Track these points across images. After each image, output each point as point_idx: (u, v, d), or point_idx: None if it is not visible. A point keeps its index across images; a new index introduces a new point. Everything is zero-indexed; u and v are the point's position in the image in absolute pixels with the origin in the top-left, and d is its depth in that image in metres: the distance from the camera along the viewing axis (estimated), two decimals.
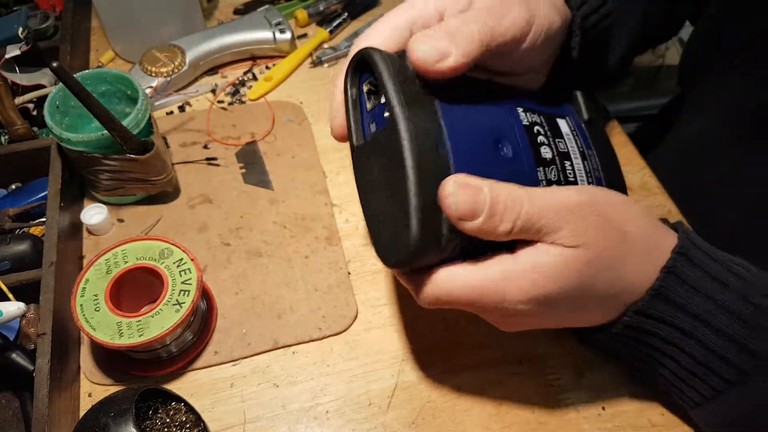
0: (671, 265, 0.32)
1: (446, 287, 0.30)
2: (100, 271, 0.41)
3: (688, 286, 0.32)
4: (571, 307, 0.32)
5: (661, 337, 0.33)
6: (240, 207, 0.52)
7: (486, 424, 0.41)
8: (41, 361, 0.37)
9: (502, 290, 0.30)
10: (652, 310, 0.32)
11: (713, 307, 0.32)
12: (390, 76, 0.28)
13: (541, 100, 0.35)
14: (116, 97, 0.51)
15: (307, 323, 0.45)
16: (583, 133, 0.35)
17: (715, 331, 0.32)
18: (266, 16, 0.64)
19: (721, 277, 0.32)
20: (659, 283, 0.32)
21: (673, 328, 0.33)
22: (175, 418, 0.39)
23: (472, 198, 0.28)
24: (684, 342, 0.33)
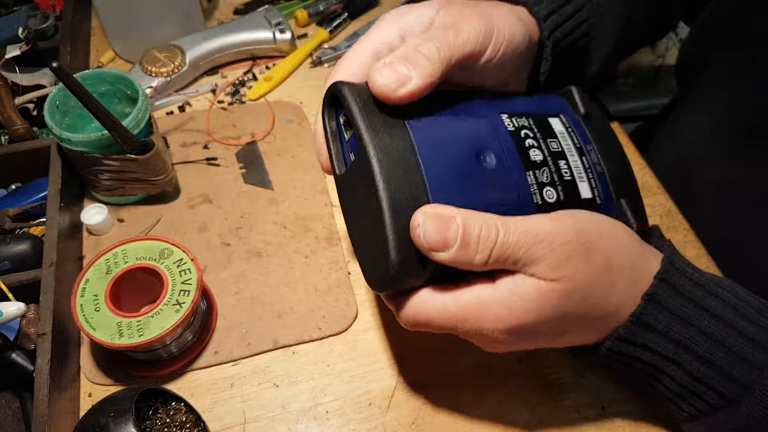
0: (651, 292, 0.31)
1: (424, 312, 0.30)
2: (100, 271, 0.41)
3: (669, 313, 0.31)
4: (551, 334, 0.32)
5: (644, 361, 0.33)
6: (240, 207, 0.52)
7: (486, 424, 0.41)
8: (41, 361, 0.37)
9: (478, 318, 0.30)
10: (634, 337, 0.32)
11: (695, 334, 0.31)
12: (356, 106, 0.29)
13: (531, 102, 0.35)
14: (116, 97, 0.51)
15: (307, 323, 0.45)
16: (580, 129, 0.35)
17: (697, 357, 0.32)
18: (266, 16, 0.64)
19: (704, 303, 0.32)
20: (640, 311, 0.31)
21: (655, 354, 0.32)
22: (175, 418, 0.39)
23: (443, 228, 0.27)
24: (668, 367, 0.33)
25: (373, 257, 0.30)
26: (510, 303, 0.29)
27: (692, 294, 0.32)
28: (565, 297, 0.30)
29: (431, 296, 0.30)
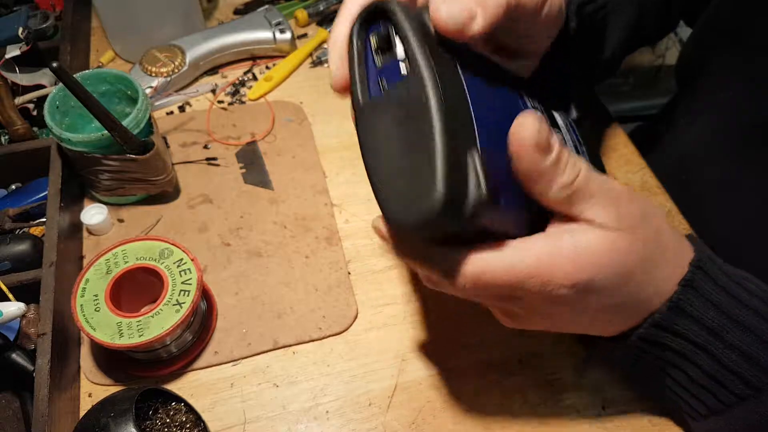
0: (689, 278, 0.31)
1: (490, 270, 0.28)
2: (100, 271, 0.41)
3: (705, 299, 0.32)
4: (606, 300, 0.31)
5: (674, 350, 0.33)
6: (240, 207, 0.52)
7: (486, 423, 0.41)
8: (41, 361, 0.37)
9: (549, 272, 0.28)
10: (668, 323, 0.32)
11: (728, 322, 0.32)
12: (413, 30, 0.26)
13: (538, 91, 0.35)
14: (116, 97, 0.51)
15: (307, 323, 0.45)
16: (575, 129, 0.36)
17: (728, 345, 0.32)
18: (266, 16, 0.64)
19: (736, 292, 0.32)
20: (677, 296, 0.31)
21: (687, 341, 0.33)
22: (175, 419, 0.39)
23: (548, 133, 0.26)
24: (696, 355, 0.33)
25: (408, 192, 0.27)
26: (575, 256, 0.28)
27: (725, 283, 0.32)
28: (629, 251, 0.29)
29: (494, 254, 0.28)
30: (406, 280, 0.48)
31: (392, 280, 0.48)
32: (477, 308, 0.47)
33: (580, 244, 0.29)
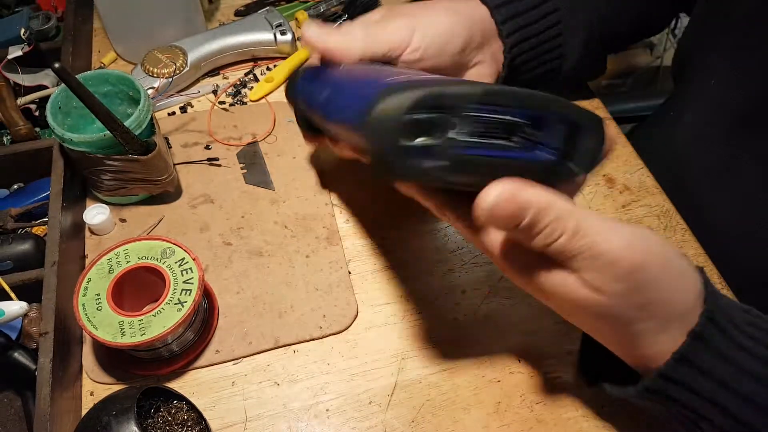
0: (699, 330, 0.30)
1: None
2: (102, 271, 0.42)
3: (714, 352, 0.31)
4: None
5: (683, 403, 0.32)
6: (241, 207, 0.52)
7: (485, 422, 0.41)
8: (43, 360, 0.38)
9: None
10: (675, 375, 0.31)
11: (739, 374, 0.31)
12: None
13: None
14: (118, 98, 0.52)
15: (308, 322, 0.45)
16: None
17: (742, 398, 0.31)
18: (267, 18, 0.64)
19: (746, 343, 0.31)
20: (685, 348, 0.30)
21: (695, 394, 0.31)
22: (176, 417, 0.39)
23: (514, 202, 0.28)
24: (707, 410, 0.31)
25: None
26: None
27: (734, 334, 0.31)
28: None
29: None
30: (407, 279, 0.48)
31: (392, 280, 0.48)
32: (477, 308, 0.47)
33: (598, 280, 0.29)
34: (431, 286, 0.48)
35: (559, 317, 0.46)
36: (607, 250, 0.28)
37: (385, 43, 0.39)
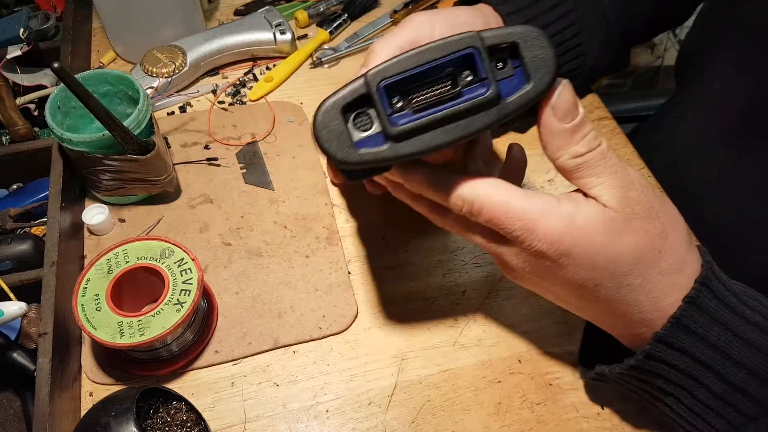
0: (693, 295, 0.31)
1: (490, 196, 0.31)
2: (102, 271, 0.42)
3: (709, 317, 0.31)
4: (585, 276, 0.31)
5: (680, 368, 0.32)
6: (241, 207, 0.52)
7: (485, 423, 0.41)
8: (42, 360, 0.38)
9: (535, 222, 0.30)
10: (672, 339, 0.32)
11: (733, 339, 0.31)
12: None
13: None
14: (117, 98, 0.52)
15: (308, 323, 0.45)
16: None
17: (735, 363, 0.31)
18: (266, 17, 0.64)
19: (740, 310, 0.32)
20: (680, 312, 0.31)
21: (692, 359, 0.32)
22: (176, 417, 0.39)
23: (570, 102, 0.30)
24: (702, 375, 0.32)
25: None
26: (569, 220, 0.30)
27: (729, 300, 0.32)
28: (621, 231, 0.30)
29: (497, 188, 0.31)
30: (407, 279, 0.48)
31: (392, 280, 0.48)
32: (477, 308, 0.47)
33: (577, 212, 0.30)
34: (431, 287, 0.48)
35: (559, 317, 0.46)
36: (633, 174, 0.31)
37: (407, 35, 0.38)
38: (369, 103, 0.30)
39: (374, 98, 0.29)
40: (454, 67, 0.30)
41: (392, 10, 0.69)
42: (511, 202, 0.31)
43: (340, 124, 0.30)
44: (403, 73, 0.29)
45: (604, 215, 0.30)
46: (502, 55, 0.30)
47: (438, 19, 0.40)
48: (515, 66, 0.30)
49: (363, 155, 0.30)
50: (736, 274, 0.47)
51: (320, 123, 0.30)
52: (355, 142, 0.30)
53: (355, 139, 0.30)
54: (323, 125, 0.30)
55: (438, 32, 0.39)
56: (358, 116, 0.30)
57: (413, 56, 0.29)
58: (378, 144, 0.30)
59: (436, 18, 0.40)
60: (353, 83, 0.30)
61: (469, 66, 0.30)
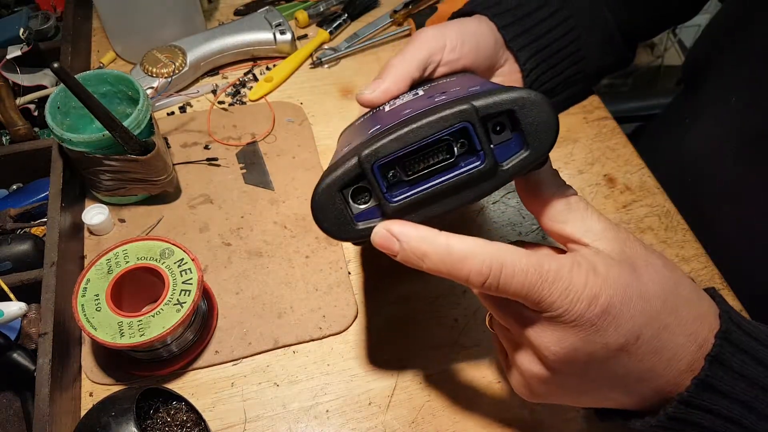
0: (716, 353, 0.30)
1: (516, 262, 0.27)
2: (101, 271, 0.42)
3: (734, 373, 0.30)
4: (629, 332, 0.29)
5: (704, 426, 0.31)
6: (241, 207, 0.52)
7: (485, 423, 0.41)
8: (42, 360, 0.38)
9: (569, 278, 0.27)
10: (698, 401, 0.30)
11: (759, 392, 0.30)
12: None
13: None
14: (117, 98, 0.52)
15: (308, 323, 0.45)
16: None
17: (761, 416, 0.30)
18: (266, 17, 0.64)
19: (764, 359, 0.31)
20: (705, 373, 0.30)
21: (719, 416, 0.31)
22: (176, 418, 0.39)
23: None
24: (728, 429, 0.31)
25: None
26: (593, 272, 0.28)
27: (754, 350, 0.31)
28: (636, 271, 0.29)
29: (519, 253, 0.28)
30: (406, 279, 0.48)
31: (392, 280, 0.48)
32: (477, 308, 0.47)
33: (595, 261, 0.28)
34: (431, 287, 0.48)
35: None
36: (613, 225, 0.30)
37: (425, 50, 0.38)
38: (364, 179, 0.30)
39: (369, 178, 0.29)
40: (451, 137, 0.29)
41: (392, 10, 0.69)
42: (543, 263, 0.27)
43: (337, 203, 0.30)
44: (396, 152, 0.29)
45: (615, 257, 0.29)
46: (499, 119, 0.29)
47: (448, 33, 0.40)
48: (512, 129, 0.29)
49: (362, 230, 0.30)
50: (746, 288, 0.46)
51: (318, 204, 0.30)
52: (354, 216, 0.30)
53: (354, 213, 0.30)
54: (320, 207, 0.30)
55: (449, 46, 0.40)
56: (356, 191, 0.30)
57: (407, 133, 0.29)
58: (376, 216, 0.30)
59: (446, 32, 0.40)
60: (348, 162, 0.29)
61: (465, 136, 0.29)
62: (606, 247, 0.29)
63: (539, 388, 0.32)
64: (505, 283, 0.28)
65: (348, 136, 0.37)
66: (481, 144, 0.29)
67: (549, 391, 0.32)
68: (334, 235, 0.31)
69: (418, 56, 0.38)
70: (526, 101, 0.28)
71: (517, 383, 0.33)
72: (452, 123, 0.28)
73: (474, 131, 0.29)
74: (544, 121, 0.28)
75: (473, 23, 0.43)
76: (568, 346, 0.29)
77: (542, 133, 0.29)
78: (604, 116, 0.60)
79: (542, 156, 0.29)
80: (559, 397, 0.33)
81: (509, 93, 0.28)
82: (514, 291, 0.28)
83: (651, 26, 0.57)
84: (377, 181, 0.29)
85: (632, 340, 0.29)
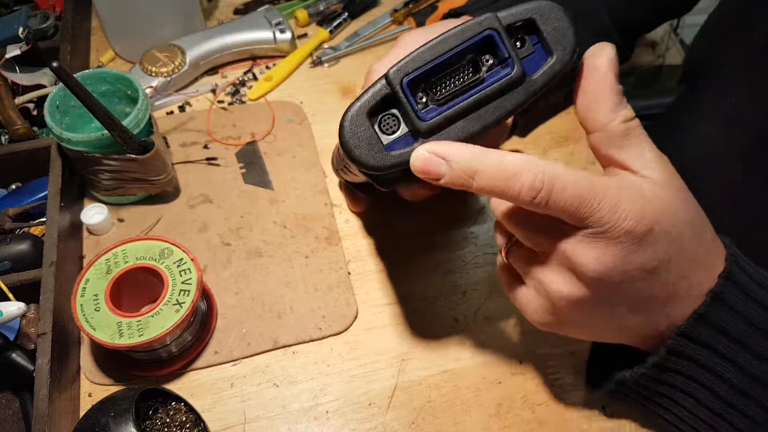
0: (718, 290, 0.31)
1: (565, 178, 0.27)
2: (101, 271, 0.41)
3: (732, 311, 0.31)
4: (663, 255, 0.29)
5: (701, 363, 0.32)
6: (240, 207, 0.52)
7: (486, 424, 0.41)
8: (41, 361, 0.37)
9: (617, 197, 0.28)
10: (695, 334, 0.31)
11: (755, 333, 0.31)
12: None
13: None
14: (116, 97, 0.51)
15: (307, 323, 0.45)
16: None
17: (757, 356, 0.31)
18: (266, 16, 0.64)
19: (765, 302, 0.31)
20: (704, 308, 0.31)
21: (714, 352, 0.32)
22: (175, 418, 0.39)
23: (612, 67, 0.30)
24: (724, 369, 0.32)
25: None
26: (640, 192, 0.29)
27: (754, 293, 0.32)
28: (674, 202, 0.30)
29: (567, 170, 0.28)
30: (407, 279, 0.48)
31: (392, 280, 0.48)
32: (477, 309, 0.47)
33: (642, 184, 0.29)
34: (432, 287, 0.47)
35: None
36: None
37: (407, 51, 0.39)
38: (393, 103, 0.29)
39: (399, 97, 0.28)
40: (474, 53, 0.29)
41: (392, 9, 0.68)
42: (593, 179, 0.28)
43: (367, 129, 0.29)
44: (424, 66, 0.28)
45: (659, 185, 0.29)
46: (520, 33, 0.29)
47: (430, 36, 0.40)
48: (534, 42, 0.29)
49: (396, 157, 0.29)
50: None
51: (348, 132, 0.29)
52: (386, 146, 0.29)
53: (385, 143, 0.29)
54: (351, 133, 0.29)
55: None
56: (384, 119, 0.29)
57: (432, 47, 0.29)
58: (409, 143, 0.29)
59: (427, 35, 0.40)
60: (374, 86, 0.29)
61: (489, 49, 0.29)
62: (653, 175, 0.30)
63: (563, 311, 0.32)
64: (556, 198, 0.27)
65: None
66: (508, 51, 0.29)
67: (571, 315, 0.32)
68: (367, 165, 0.29)
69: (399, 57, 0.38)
70: (545, 8, 0.29)
71: (538, 308, 0.33)
72: (478, 31, 0.28)
73: (500, 38, 0.29)
74: (564, 27, 0.29)
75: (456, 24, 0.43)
76: (607, 262, 0.29)
77: (564, 39, 0.29)
78: None
79: (567, 63, 0.29)
80: (577, 323, 0.33)
81: (527, 4, 0.29)
82: (563, 205, 0.28)
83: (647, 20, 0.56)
84: (408, 99, 0.28)
85: (664, 264, 0.30)
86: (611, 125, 0.29)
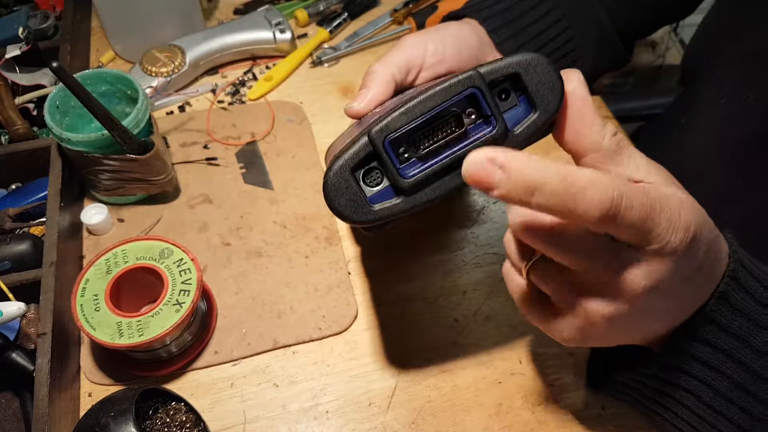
0: (723, 289, 0.31)
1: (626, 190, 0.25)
2: (101, 271, 0.41)
3: (735, 309, 0.31)
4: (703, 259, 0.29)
5: (703, 360, 0.32)
6: (240, 207, 0.52)
7: (486, 424, 0.41)
8: (41, 361, 0.37)
9: (671, 208, 0.26)
10: (699, 333, 0.31)
11: (755, 328, 0.31)
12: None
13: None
14: (116, 97, 0.51)
15: (307, 323, 0.45)
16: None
17: (755, 351, 0.31)
18: (266, 16, 0.64)
19: (765, 299, 0.32)
20: (710, 308, 0.31)
21: (715, 349, 0.32)
22: (175, 418, 0.39)
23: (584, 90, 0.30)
24: (725, 365, 0.32)
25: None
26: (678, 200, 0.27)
27: (756, 291, 0.32)
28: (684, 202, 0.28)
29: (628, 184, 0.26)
30: (407, 279, 0.48)
31: (392, 280, 0.48)
32: (478, 309, 0.47)
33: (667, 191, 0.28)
34: (431, 287, 0.47)
35: None
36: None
37: (405, 53, 0.39)
38: (376, 158, 0.29)
39: (381, 155, 0.29)
40: (458, 107, 0.29)
41: (392, 9, 0.68)
42: (649, 191, 0.26)
43: (351, 186, 0.29)
44: (406, 125, 0.29)
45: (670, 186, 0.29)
46: (504, 86, 0.29)
47: (429, 38, 0.40)
48: (519, 94, 0.29)
49: (378, 211, 0.29)
50: None
51: (331, 187, 0.29)
52: (369, 198, 0.29)
53: (369, 195, 0.29)
54: (334, 189, 0.29)
55: (431, 49, 0.40)
56: (367, 171, 0.29)
57: (415, 106, 0.29)
58: (391, 196, 0.30)
59: (427, 37, 0.40)
60: (358, 142, 0.29)
61: (472, 104, 0.29)
62: (658, 179, 0.29)
63: (597, 328, 0.30)
64: (624, 214, 0.25)
65: (337, 145, 0.37)
66: (491, 108, 0.29)
67: (602, 332, 0.30)
68: (350, 219, 0.30)
69: (399, 59, 0.38)
70: (529, 63, 0.29)
71: (568, 326, 0.31)
72: (460, 90, 0.28)
73: (482, 96, 0.29)
74: (550, 81, 0.29)
75: (454, 26, 0.43)
76: (657, 277, 0.27)
77: (549, 93, 0.29)
78: (606, 116, 0.60)
79: (551, 117, 0.29)
80: (603, 337, 0.31)
81: (511, 58, 0.29)
82: (630, 222, 0.25)
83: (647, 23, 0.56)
84: (390, 157, 0.29)
85: (697, 269, 0.29)
86: (604, 143, 0.29)
